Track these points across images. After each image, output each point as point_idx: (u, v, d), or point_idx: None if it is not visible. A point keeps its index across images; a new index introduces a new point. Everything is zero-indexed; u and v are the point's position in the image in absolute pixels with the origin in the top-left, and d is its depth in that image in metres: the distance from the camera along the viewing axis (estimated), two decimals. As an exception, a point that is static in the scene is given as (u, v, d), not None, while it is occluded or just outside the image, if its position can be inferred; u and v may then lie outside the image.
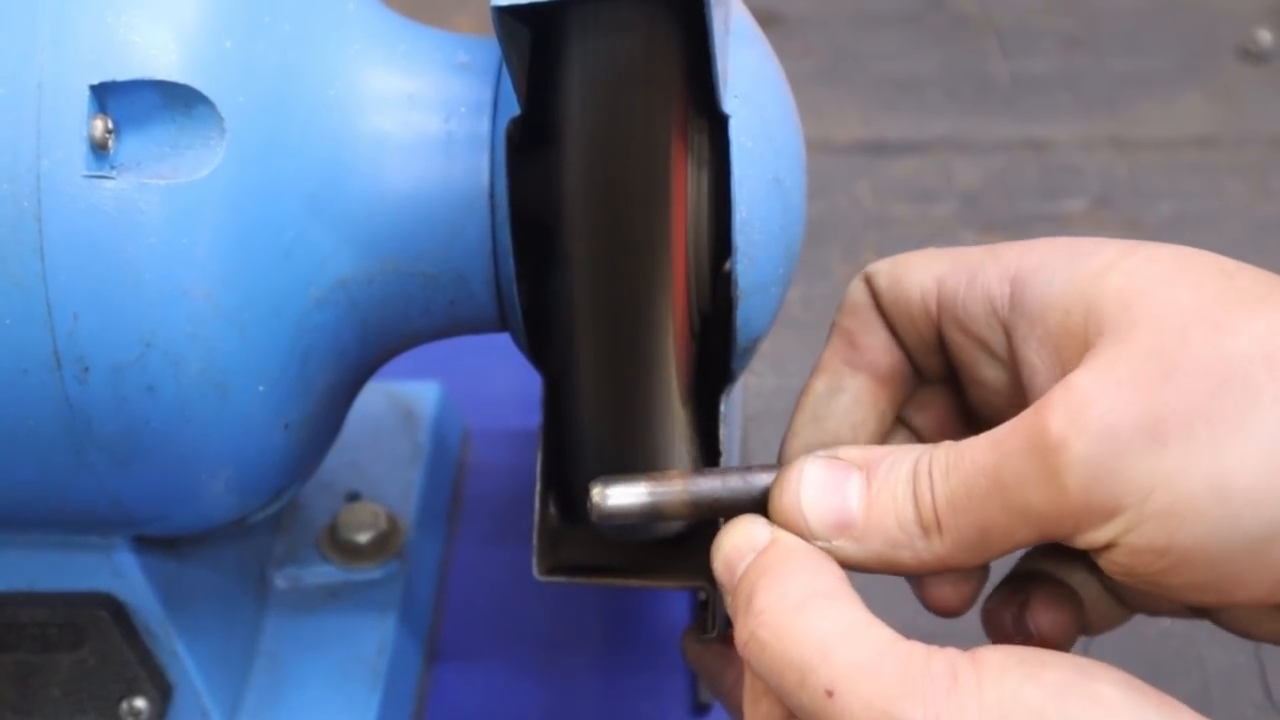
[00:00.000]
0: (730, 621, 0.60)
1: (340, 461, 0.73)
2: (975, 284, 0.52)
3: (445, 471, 0.78)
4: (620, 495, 0.51)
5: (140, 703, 0.62)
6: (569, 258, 0.51)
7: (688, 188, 0.53)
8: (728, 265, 0.55)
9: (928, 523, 0.48)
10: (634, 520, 0.51)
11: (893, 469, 0.49)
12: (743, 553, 0.50)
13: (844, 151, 0.98)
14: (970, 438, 0.49)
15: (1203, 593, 0.47)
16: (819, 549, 0.49)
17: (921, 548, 0.49)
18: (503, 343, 0.61)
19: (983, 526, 0.48)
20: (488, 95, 0.56)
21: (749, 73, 0.55)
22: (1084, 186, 0.95)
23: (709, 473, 0.51)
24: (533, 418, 0.59)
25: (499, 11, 0.50)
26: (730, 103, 0.54)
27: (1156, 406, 0.45)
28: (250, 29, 0.53)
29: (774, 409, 0.82)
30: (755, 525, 0.50)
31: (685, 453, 0.55)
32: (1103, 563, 0.47)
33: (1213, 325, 0.46)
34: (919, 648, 0.46)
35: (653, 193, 0.50)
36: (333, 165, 0.55)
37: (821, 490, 0.49)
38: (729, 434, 0.59)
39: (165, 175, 0.52)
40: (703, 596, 0.59)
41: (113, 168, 0.52)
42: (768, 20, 0.81)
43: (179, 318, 0.52)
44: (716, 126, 0.54)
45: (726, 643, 0.62)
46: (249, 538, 0.69)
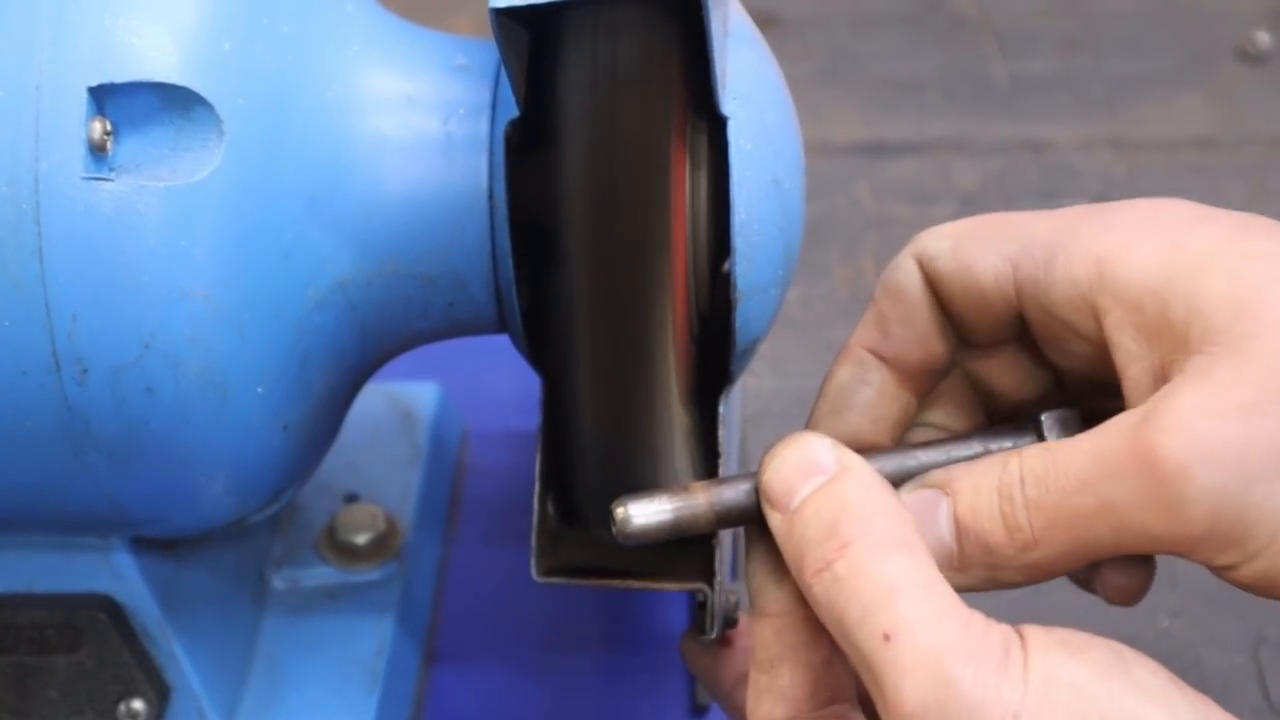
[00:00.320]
0: (729, 624, 0.60)
1: (339, 463, 0.73)
2: (1055, 266, 0.50)
3: (444, 473, 0.78)
4: (644, 515, 0.50)
5: (138, 704, 0.62)
6: (568, 259, 0.51)
7: (686, 189, 0.53)
8: (726, 266, 0.55)
9: (1023, 543, 0.48)
10: (661, 539, 0.51)
11: (977, 489, 0.49)
12: (807, 474, 0.49)
13: (843, 153, 0.98)
14: (1059, 444, 0.48)
15: None
16: (893, 496, 0.48)
17: (1023, 565, 0.48)
18: (502, 344, 0.61)
19: (1088, 542, 0.47)
20: (486, 97, 0.56)
21: (748, 74, 0.55)
22: (1083, 187, 0.95)
23: (725, 482, 0.51)
24: (531, 419, 0.59)
25: (497, 13, 0.50)
26: (729, 104, 0.54)
27: None
28: (249, 31, 0.53)
29: (773, 410, 0.82)
30: (818, 446, 0.49)
31: (685, 454, 0.55)
32: (1224, 576, 0.47)
33: None
34: (979, 615, 0.46)
35: (651, 194, 0.50)
36: (332, 167, 0.55)
37: (920, 525, 0.49)
38: (728, 435, 0.59)
39: (164, 177, 0.52)
40: (701, 598, 0.59)
41: (111, 170, 0.52)
42: (766, 22, 0.81)
43: (178, 319, 0.52)
44: (715, 128, 0.54)
45: (725, 644, 0.62)
46: (247, 539, 0.69)
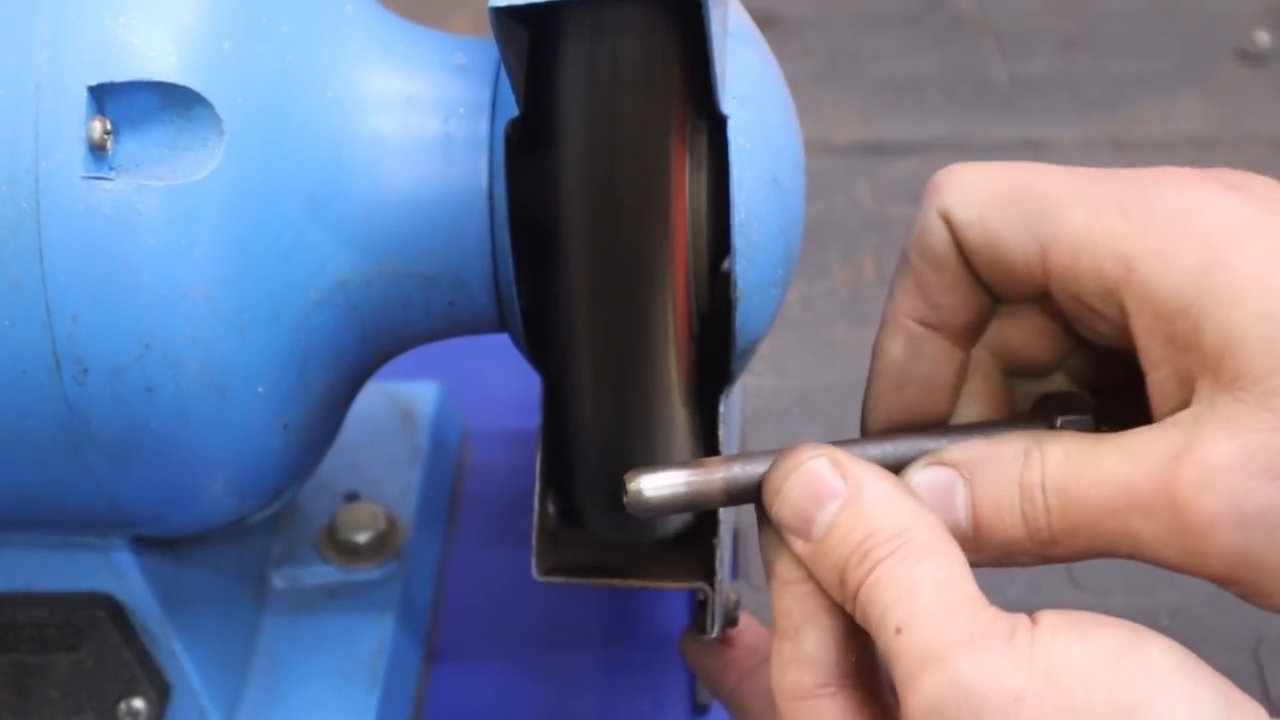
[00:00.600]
0: (730, 622, 0.60)
1: (339, 462, 0.73)
2: (1083, 258, 0.48)
3: (444, 472, 0.78)
4: (659, 487, 0.50)
5: (138, 703, 0.62)
6: (568, 258, 0.51)
7: (686, 189, 0.53)
8: (726, 266, 0.55)
9: (1042, 540, 0.48)
10: (671, 511, 0.50)
11: (997, 481, 0.49)
12: (820, 500, 0.49)
13: (843, 152, 0.98)
14: (1083, 454, 0.48)
15: None
16: (909, 497, 0.48)
17: (1038, 556, 0.49)
18: (502, 343, 0.61)
19: (1105, 551, 0.48)
20: (486, 96, 0.56)
21: (748, 74, 0.55)
22: (1083, 187, 0.94)
23: (739, 458, 0.51)
24: (532, 418, 0.59)
25: (497, 12, 0.50)
26: (729, 104, 0.54)
27: None
28: (249, 31, 0.53)
29: (773, 409, 0.82)
30: (820, 469, 0.49)
31: (685, 453, 0.55)
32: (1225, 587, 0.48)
33: None
34: (991, 609, 0.46)
35: (651, 194, 0.50)
36: (331, 167, 0.55)
37: (933, 507, 0.49)
38: (728, 435, 0.59)
39: (164, 177, 0.52)
40: (701, 597, 0.59)
41: (111, 169, 0.52)
42: (766, 22, 0.80)
43: (178, 319, 0.52)
44: (715, 128, 0.54)
45: (726, 643, 0.62)
46: (248, 538, 0.69)
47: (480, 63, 0.57)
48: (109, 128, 0.51)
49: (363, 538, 0.71)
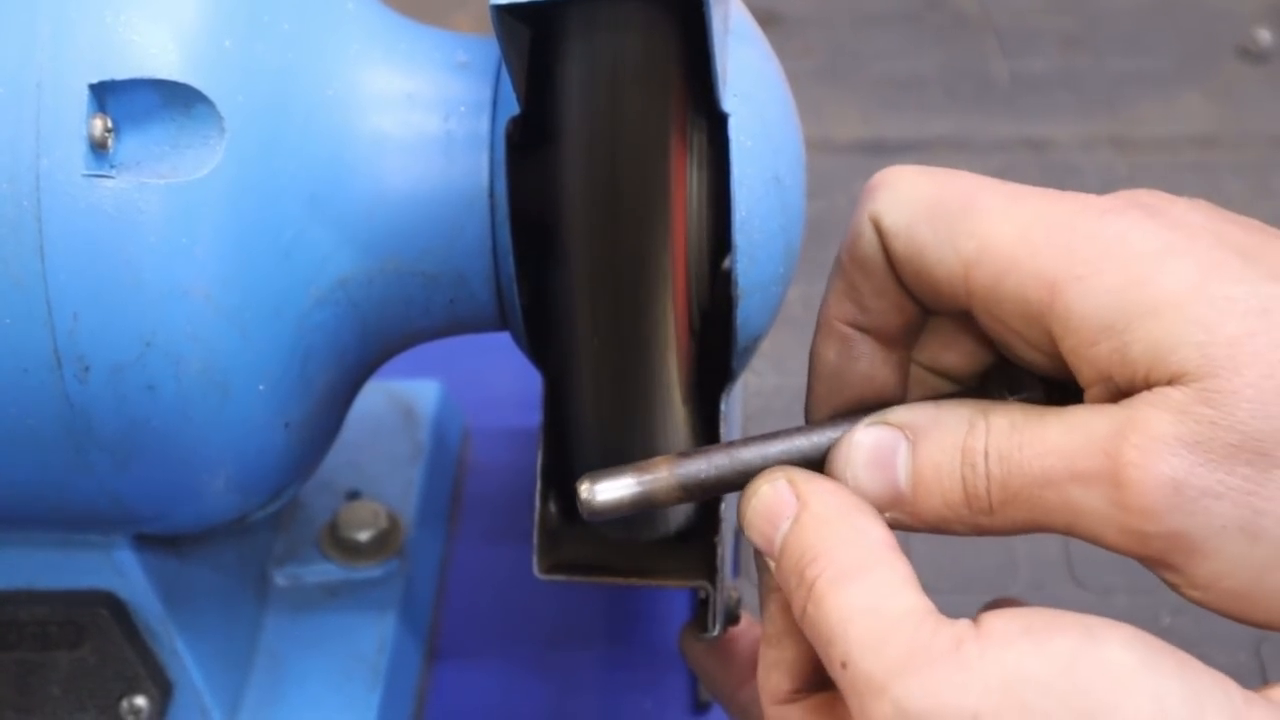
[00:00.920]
0: (731, 621, 0.60)
1: (340, 460, 0.73)
2: (1007, 281, 0.48)
3: (445, 470, 0.78)
4: (609, 490, 0.50)
5: (140, 701, 0.62)
6: (569, 256, 0.51)
7: (687, 186, 0.53)
8: (727, 264, 0.55)
9: (979, 508, 0.48)
10: (626, 512, 0.51)
11: (939, 445, 0.48)
12: (775, 521, 0.49)
13: (844, 151, 0.98)
14: (1027, 423, 0.47)
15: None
16: (852, 512, 0.48)
17: (973, 525, 0.48)
18: (503, 342, 0.61)
19: (1042, 524, 0.47)
20: (487, 94, 0.56)
21: (748, 72, 0.55)
22: (1083, 186, 0.93)
23: (694, 454, 0.51)
24: (533, 416, 0.59)
25: (498, 10, 0.50)
26: (730, 101, 0.54)
27: (1258, 503, 0.45)
28: (250, 28, 0.53)
29: (774, 408, 0.82)
30: (778, 488, 0.49)
31: (686, 451, 0.55)
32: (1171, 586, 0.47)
33: None
34: (930, 621, 0.45)
35: (652, 191, 0.50)
36: (332, 165, 0.55)
37: (871, 468, 0.49)
38: (729, 432, 0.59)
39: (165, 174, 0.52)
40: (702, 595, 0.59)
41: (112, 167, 0.52)
42: (767, 20, 0.81)
43: (179, 317, 0.52)
44: (716, 125, 0.54)
45: (727, 642, 0.62)
46: (249, 536, 0.69)
47: (481, 61, 0.57)
48: (110, 125, 0.51)
49: (364, 536, 0.71)
